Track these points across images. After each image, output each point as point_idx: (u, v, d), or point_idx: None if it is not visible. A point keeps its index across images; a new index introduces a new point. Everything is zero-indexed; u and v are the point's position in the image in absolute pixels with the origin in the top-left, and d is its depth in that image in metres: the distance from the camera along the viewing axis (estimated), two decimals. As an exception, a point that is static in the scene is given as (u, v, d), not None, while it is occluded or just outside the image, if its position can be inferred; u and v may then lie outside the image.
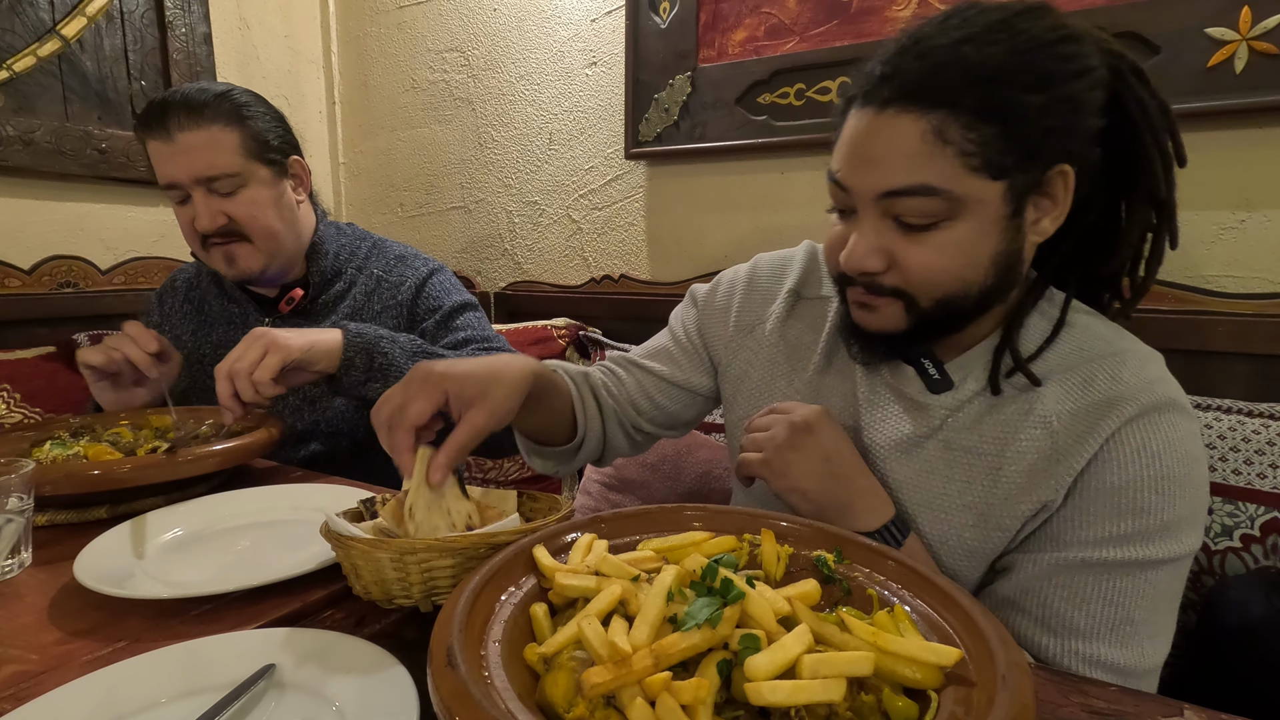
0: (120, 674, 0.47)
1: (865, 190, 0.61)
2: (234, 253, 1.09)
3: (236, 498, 0.82)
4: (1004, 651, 0.38)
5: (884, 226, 0.62)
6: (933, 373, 0.68)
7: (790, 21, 1.49)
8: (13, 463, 0.67)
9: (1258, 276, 1.14)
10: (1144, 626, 0.60)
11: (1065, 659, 0.60)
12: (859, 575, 0.50)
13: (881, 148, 0.59)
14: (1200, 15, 1.10)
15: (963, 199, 0.58)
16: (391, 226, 2.24)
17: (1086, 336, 0.67)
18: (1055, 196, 0.61)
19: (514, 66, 1.94)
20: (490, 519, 0.63)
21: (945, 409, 0.68)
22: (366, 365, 0.97)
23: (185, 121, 1.03)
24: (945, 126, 0.57)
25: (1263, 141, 1.11)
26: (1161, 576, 0.60)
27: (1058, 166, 0.60)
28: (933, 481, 0.68)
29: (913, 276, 0.62)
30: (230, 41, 1.96)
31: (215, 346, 1.19)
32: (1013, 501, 0.64)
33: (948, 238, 0.60)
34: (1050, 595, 0.62)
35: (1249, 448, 0.99)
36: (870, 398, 0.73)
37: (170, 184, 1.06)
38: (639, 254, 1.80)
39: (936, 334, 0.67)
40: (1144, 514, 0.60)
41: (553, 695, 0.38)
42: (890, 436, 0.70)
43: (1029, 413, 0.64)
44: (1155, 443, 0.60)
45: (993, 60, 0.56)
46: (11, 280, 1.59)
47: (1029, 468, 0.63)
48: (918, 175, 0.58)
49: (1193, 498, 0.61)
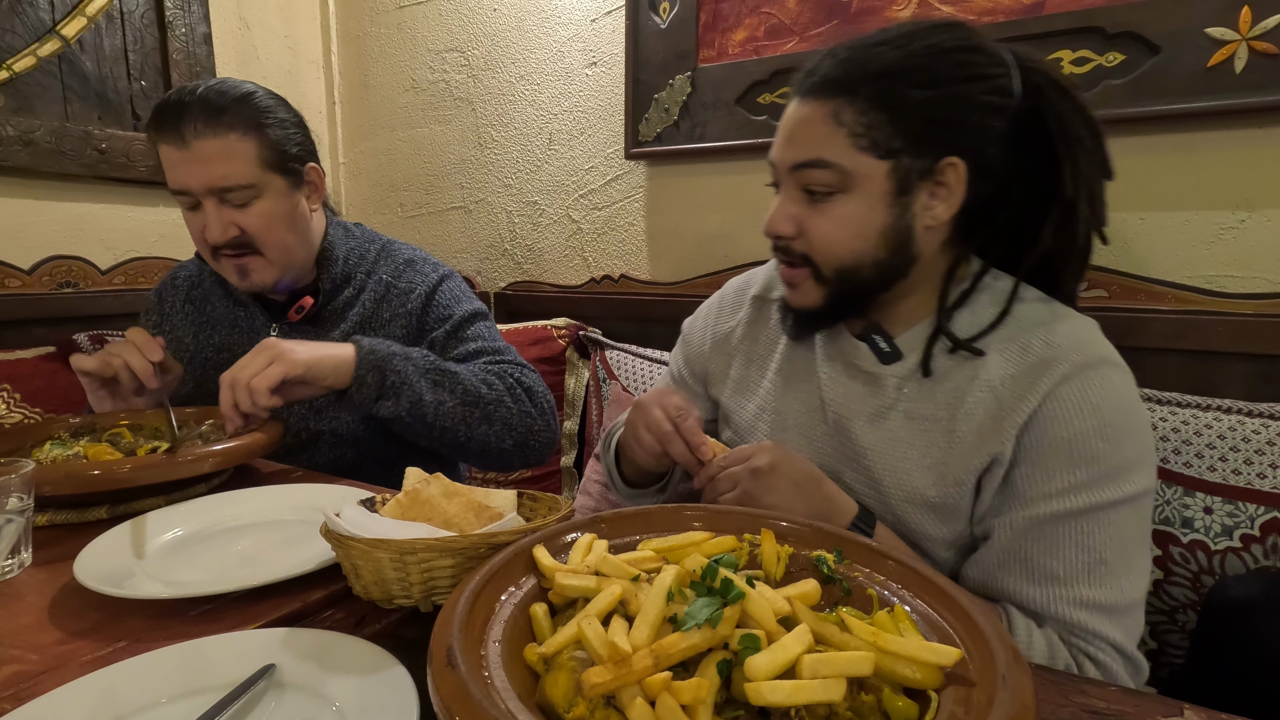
0: (120, 674, 0.48)
1: (783, 163, 0.74)
2: (247, 266, 1.06)
3: (236, 498, 0.82)
4: (1004, 651, 0.38)
5: (797, 196, 0.74)
6: (884, 346, 0.77)
7: (790, 21, 1.49)
8: (13, 463, 0.67)
9: (1258, 276, 1.14)
10: (1117, 564, 0.66)
11: (1053, 606, 0.66)
12: (859, 575, 0.50)
13: (795, 129, 0.73)
14: (1200, 15, 1.10)
15: (852, 173, 0.70)
16: (391, 226, 2.24)
17: (1020, 309, 0.74)
18: (948, 185, 0.71)
19: (514, 66, 1.94)
20: (490, 519, 0.63)
21: (898, 378, 0.76)
22: (379, 383, 0.96)
23: (202, 127, 0.97)
24: (841, 111, 0.69)
25: (1263, 141, 1.11)
26: (1123, 516, 0.67)
27: (948, 158, 0.69)
28: (897, 449, 0.76)
29: (814, 242, 0.73)
30: (230, 41, 1.96)
31: (218, 350, 1.17)
32: (966, 457, 0.72)
33: (842, 209, 0.71)
34: (1028, 550, 0.68)
35: (1249, 448, 0.99)
36: (831, 376, 0.82)
37: (182, 190, 1.02)
38: (639, 254, 1.80)
39: (851, 308, 0.77)
40: (1095, 461, 0.66)
41: (553, 695, 0.38)
42: (852, 408, 0.79)
43: (974, 379, 0.72)
44: (1094, 395, 0.67)
45: (889, 60, 0.68)
46: (11, 280, 1.59)
47: (978, 426, 0.71)
48: (816, 150, 0.71)
49: (1137, 441, 0.68)
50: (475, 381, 1.04)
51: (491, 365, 1.11)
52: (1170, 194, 1.19)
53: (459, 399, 1.02)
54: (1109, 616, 0.66)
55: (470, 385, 1.03)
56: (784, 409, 0.86)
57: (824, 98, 0.70)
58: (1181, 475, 1.01)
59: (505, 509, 0.65)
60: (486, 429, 1.04)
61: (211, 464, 0.82)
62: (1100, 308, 1.24)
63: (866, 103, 0.68)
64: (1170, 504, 1.01)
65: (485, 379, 1.06)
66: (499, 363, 1.12)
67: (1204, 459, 1.01)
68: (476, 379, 1.05)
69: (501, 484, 1.68)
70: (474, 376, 1.05)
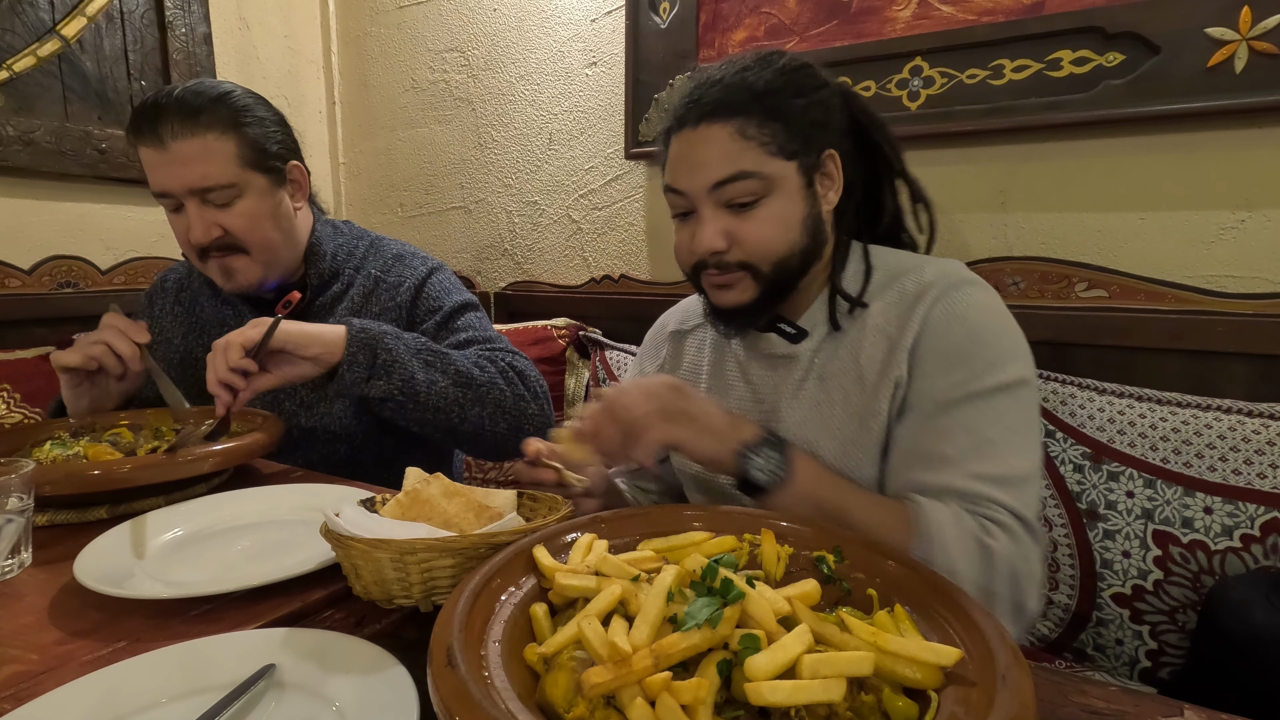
0: (120, 674, 0.47)
1: (699, 187, 0.79)
2: (231, 266, 1.06)
3: (236, 498, 0.82)
4: (1004, 651, 0.38)
5: (720, 213, 0.79)
6: (790, 330, 0.85)
7: (790, 21, 1.49)
8: (13, 463, 0.67)
9: (1258, 276, 1.14)
10: (1003, 444, 0.72)
11: (950, 482, 0.71)
12: (859, 575, 0.51)
13: (704, 153, 0.78)
14: (1200, 15, 1.10)
15: (772, 177, 0.77)
16: (391, 226, 2.24)
17: (891, 266, 0.84)
18: (831, 174, 0.82)
19: (514, 66, 1.94)
20: (490, 519, 0.63)
21: (809, 350, 0.84)
22: (369, 362, 0.95)
23: (179, 129, 0.97)
24: (745, 127, 0.76)
25: (1263, 141, 1.11)
26: (1003, 401, 0.73)
27: (827, 151, 0.80)
28: (820, 410, 0.82)
29: (750, 247, 0.78)
30: (230, 41, 1.96)
31: (207, 350, 1.17)
32: (875, 392, 0.79)
33: (769, 211, 0.78)
34: (923, 442, 0.75)
35: (1249, 448, 0.99)
36: (756, 371, 0.89)
37: (163, 193, 1.02)
38: (639, 254, 1.80)
39: (779, 297, 0.82)
40: (969, 360, 0.74)
41: (553, 695, 0.38)
42: (778, 391, 0.86)
43: (866, 328, 0.81)
44: (959, 309, 0.76)
45: (765, 80, 0.78)
46: (11, 280, 1.59)
47: (879, 365, 0.79)
48: (736, 165, 0.77)
49: (1006, 339, 0.76)
50: (468, 364, 1.04)
51: (482, 351, 1.10)
52: (1170, 194, 1.19)
53: (451, 379, 1.01)
54: (1001, 487, 0.70)
55: (462, 367, 1.02)
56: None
57: (722, 120, 0.77)
58: (1181, 475, 1.01)
59: (505, 509, 0.65)
60: (480, 411, 1.03)
61: (211, 464, 0.82)
62: (1100, 308, 1.24)
63: (761, 116, 0.77)
64: (1170, 504, 1.01)
65: (477, 362, 1.06)
66: (491, 350, 1.12)
67: (1204, 459, 1.01)
68: (468, 361, 1.04)
69: (502, 484, 1.68)
70: (466, 359, 1.04)
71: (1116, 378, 1.14)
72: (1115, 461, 1.06)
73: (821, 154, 0.80)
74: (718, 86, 0.78)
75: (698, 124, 0.78)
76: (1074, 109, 1.20)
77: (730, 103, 0.77)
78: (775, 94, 0.77)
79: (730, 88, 0.78)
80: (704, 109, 0.78)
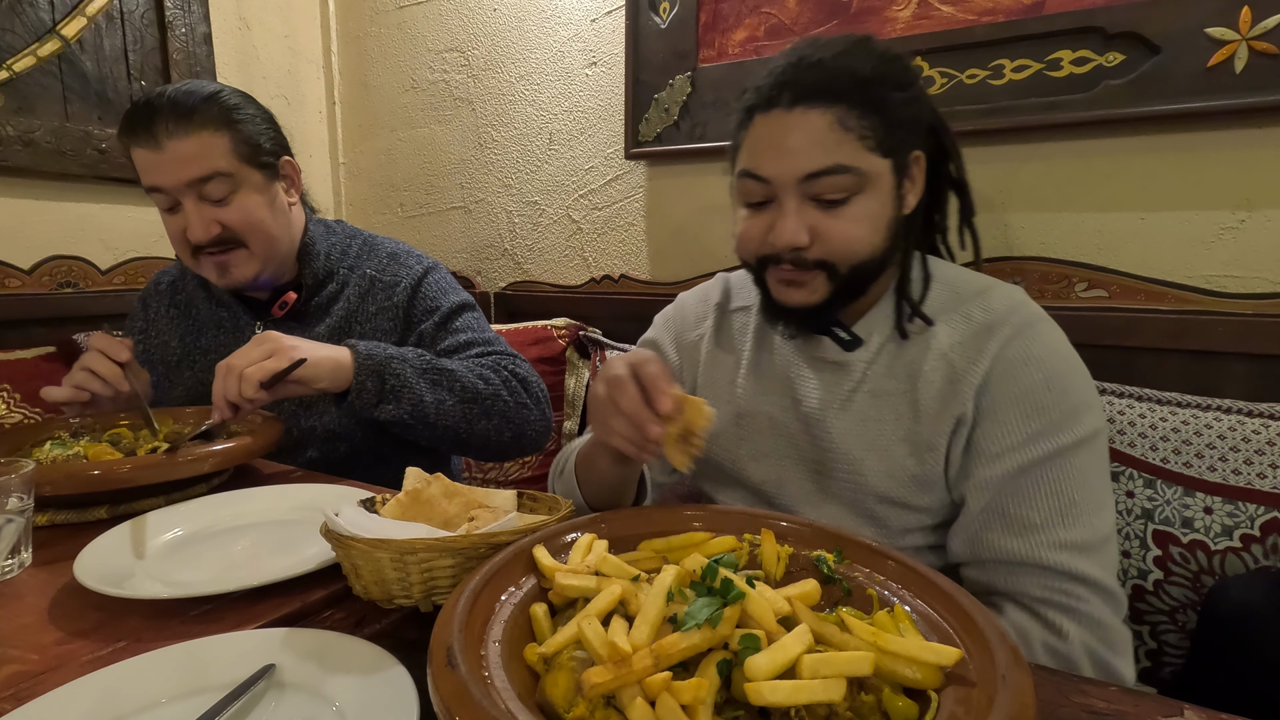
0: (120, 674, 0.48)
1: (788, 176, 0.73)
2: (227, 262, 1.06)
3: (236, 498, 0.82)
4: (1004, 651, 0.38)
5: (806, 206, 0.74)
6: (844, 336, 0.80)
7: (790, 21, 1.49)
8: (13, 463, 0.67)
9: (1258, 276, 1.14)
10: (1085, 504, 0.71)
11: (1035, 552, 0.70)
12: (859, 575, 0.51)
13: (797, 139, 0.72)
14: (1200, 15, 1.10)
15: (867, 174, 0.72)
16: (391, 226, 2.24)
17: (953, 282, 0.81)
18: (914, 177, 0.77)
19: (514, 66, 1.94)
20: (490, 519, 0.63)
21: (863, 362, 0.80)
22: (379, 388, 0.96)
23: (174, 128, 0.98)
24: (846, 117, 0.71)
25: (1263, 141, 1.11)
26: (1082, 457, 0.71)
27: (915, 152, 0.76)
28: (868, 427, 0.79)
29: (834, 246, 0.74)
30: (230, 41, 1.96)
31: (204, 352, 1.17)
32: (933, 424, 0.76)
33: (859, 209, 0.73)
34: (1004, 504, 0.72)
35: (1249, 448, 0.99)
36: (800, 373, 0.84)
37: (156, 188, 1.01)
38: (639, 254, 1.80)
39: (847, 300, 0.78)
40: (1046, 410, 0.72)
41: (553, 695, 0.38)
42: (824, 399, 0.82)
43: (928, 349, 0.77)
44: (1035, 351, 0.73)
45: (868, 67, 0.72)
46: (11, 280, 1.59)
47: (938, 393, 0.76)
48: (833, 157, 0.71)
49: (1080, 386, 0.74)
50: (472, 378, 1.04)
51: (484, 357, 1.11)
52: (1170, 194, 1.19)
53: (458, 397, 1.02)
54: (1086, 554, 0.69)
55: (468, 382, 1.03)
56: (755, 411, 0.88)
57: (822, 105, 0.71)
58: (1181, 475, 1.01)
59: (505, 509, 0.65)
60: (486, 424, 1.04)
61: (211, 464, 0.82)
62: (1100, 308, 1.24)
63: (864, 107, 0.71)
64: (1170, 504, 1.01)
65: (481, 374, 1.06)
66: (490, 354, 1.12)
67: (1204, 459, 1.01)
68: (473, 375, 1.05)
69: (502, 484, 1.68)
70: (470, 373, 1.05)
71: (1116, 378, 1.14)
72: (1115, 461, 1.06)
73: (910, 154, 0.76)
74: (818, 68, 0.72)
75: (792, 106, 0.72)
76: (1074, 109, 1.20)
77: (832, 88, 0.71)
78: (878, 84, 0.72)
79: (833, 72, 0.72)
80: (801, 91, 0.72)
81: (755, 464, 0.88)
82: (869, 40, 0.76)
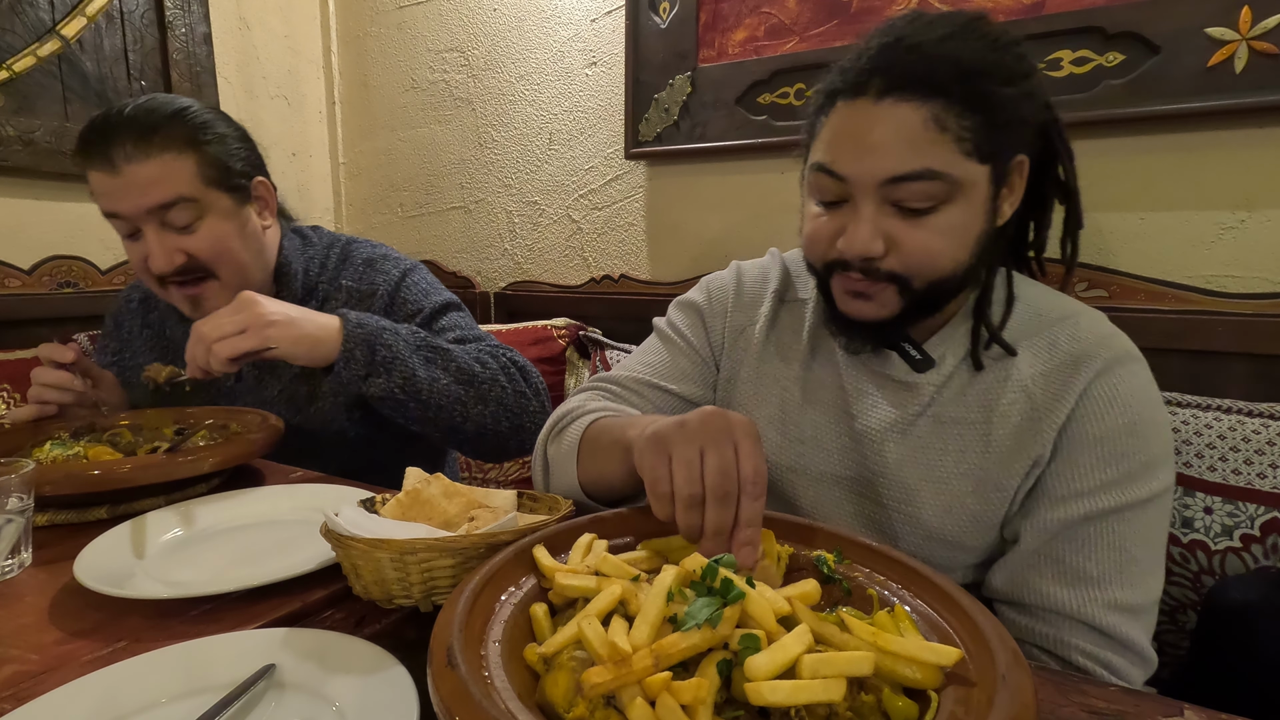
0: (120, 674, 0.47)
1: (866, 178, 0.64)
2: (200, 296, 1.00)
3: (236, 498, 0.82)
4: (1004, 651, 0.38)
5: (884, 211, 0.65)
6: (914, 354, 0.71)
7: (790, 21, 1.49)
8: (13, 463, 0.67)
9: (1258, 276, 1.14)
10: (1145, 562, 0.66)
11: (1086, 609, 0.65)
12: (859, 575, 0.50)
13: (883, 136, 0.62)
14: (1200, 15, 1.10)
15: (960, 181, 0.63)
16: (391, 226, 2.24)
17: (1038, 304, 0.73)
18: (1014, 185, 0.68)
19: (514, 66, 1.94)
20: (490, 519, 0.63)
21: (933, 386, 0.72)
22: (368, 359, 0.91)
23: (133, 150, 0.91)
24: (943, 115, 0.61)
25: (1263, 141, 1.11)
26: (1151, 514, 0.66)
27: (1019, 157, 0.67)
28: (929, 456, 0.72)
29: (911, 259, 0.65)
30: (230, 41, 1.96)
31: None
32: (1006, 463, 0.69)
33: (945, 220, 0.64)
34: (1061, 551, 0.66)
35: (1249, 448, 0.99)
36: (858, 386, 0.76)
37: (113, 214, 0.94)
38: (639, 254, 1.80)
39: (918, 318, 0.70)
40: (1124, 459, 0.66)
41: (553, 695, 0.38)
42: (883, 419, 0.74)
43: (1006, 379, 0.70)
44: (1123, 392, 0.67)
45: (976, 55, 0.62)
46: (11, 280, 1.59)
47: (1014, 429, 0.69)
48: (922, 160, 0.62)
49: (1162, 437, 0.68)
50: (468, 359, 0.99)
51: (480, 347, 1.06)
52: (1170, 194, 1.19)
53: (453, 376, 0.97)
54: (1136, 618, 0.65)
55: (464, 363, 0.98)
56: (801, 420, 0.80)
57: (916, 99, 0.61)
58: (1181, 475, 1.01)
59: (505, 509, 0.65)
60: (483, 409, 0.99)
61: (211, 464, 0.82)
62: (1100, 308, 1.23)
63: (963, 104, 0.61)
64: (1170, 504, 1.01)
65: (478, 357, 1.01)
66: (487, 345, 1.07)
67: (1204, 459, 1.01)
68: (469, 357, 1.00)
69: (502, 484, 1.68)
70: (467, 354, 1.00)
71: (1116, 378, 1.14)
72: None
73: (1013, 159, 0.66)
74: (916, 54, 0.62)
75: (881, 97, 0.62)
76: (1074, 109, 1.20)
77: (930, 79, 0.61)
78: (985, 77, 0.62)
79: (933, 60, 0.61)
80: (894, 79, 0.62)
81: (791, 476, 0.81)
82: (981, 21, 0.65)
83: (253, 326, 0.85)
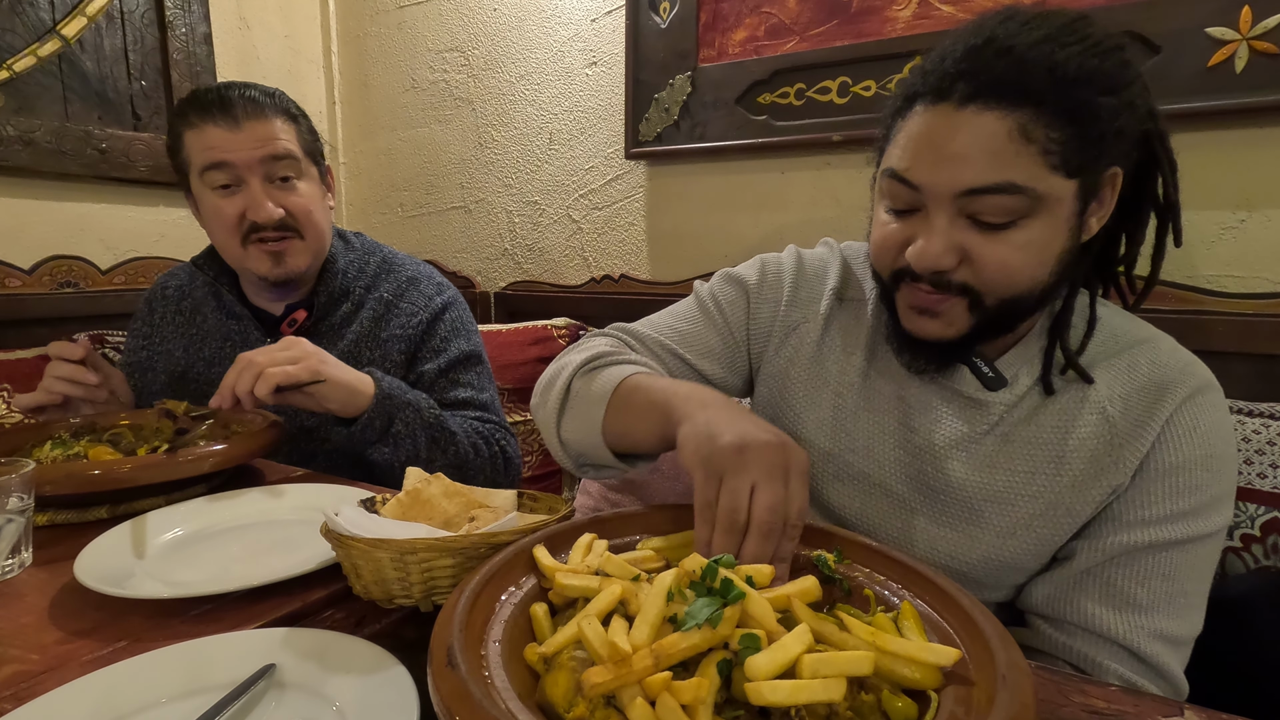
0: (120, 674, 0.48)
1: (943, 188, 0.61)
2: (284, 250, 1.07)
3: (236, 498, 0.82)
4: (1004, 651, 0.38)
5: (959, 224, 0.61)
6: (987, 371, 0.68)
7: (790, 21, 1.49)
8: (13, 463, 0.67)
9: (1258, 276, 1.14)
10: (1194, 596, 0.65)
11: (1131, 635, 0.63)
12: (859, 575, 0.50)
13: (963, 145, 0.59)
14: (1200, 15, 1.10)
15: (1044, 197, 0.59)
16: (391, 226, 2.24)
17: (1111, 324, 0.71)
18: (1104, 198, 0.63)
19: (514, 66, 1.94)
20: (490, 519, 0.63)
21: (1004, 405, 0.69)
22: (384, 429, 0.97)
23: (251, 110, 1.04)
24: (1031, 125, 0.57)
25: (1263, 141, 1.11)
26: (1208, 549, 0.65)
27: (1111, 169, 0.62)
28: (996, 475, 0.69)
29: (986, 274, 0.62)
30: (230, 41, 1.96)
31: (208, 363, 1.15)
32: (1081, 489, 0.66)
33: (1025, 236, 0.60)
34: (1114, 575, 0.65)
35: (1249, 448, 0.99)
36: (922, 400, 0.73)
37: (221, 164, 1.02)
38: (639, 254, 1.80)
39: (991, 336, 0.67)
40: (1197, 491, 0.64)
41: (553, 695, 0.38)
42: (948, 436, 0.71)
43: (1084, 400, 0.67)
44: (1204, 423, 0.65)
45: (1074, 60, 0.57)
46: (11, 280, 1.59)
47: (1091, 455, 0.66)
48: (1003, 173, 0.58)
49: (1231, 472, 0.66)
50: (466, 445, 1.05)
51: (480, 426, 1.11)
52: (1170, 194, 1.19)
53: (449, 460, 1.03)
54: (1178, 650, 0.64)
55: (462, 449, 1.05)
56: (854, 429, 0.76)
57: (1004, 107, 0.57)
58: (1181, 475, 1.01)
59: (505, 509, 0.65)
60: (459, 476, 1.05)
61: (211, 464, 0.82)
62: (1100, 308, 1.24)
63: (1054, 115, 0.57)
64: (1170, 504, 1.01)
65: (474, 442, 1.07)
66: (487, 423, 1.12)
67: (1204, 459, 1.01)
68: (468, 442, 1.06)
69: (501, 484, 1.68)
70: (466, 439, 1.06)
71: (1116, 378, 1.14)
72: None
73: (1105, 172, 0.61)
74: (1008, 59, 0.57)
75: (965, 103, 0.58)
76: (1074, 109, 1.20)
77: (1021, 86, 0.57)
78: (1082, 85, 0.57)
79: (1026, 65, 0.57)
80: (980, 85, 0.58)
81: (838, 486, 0.77)
82: (1083, 23, 0.59)
83: (305, 360, 0.89)
